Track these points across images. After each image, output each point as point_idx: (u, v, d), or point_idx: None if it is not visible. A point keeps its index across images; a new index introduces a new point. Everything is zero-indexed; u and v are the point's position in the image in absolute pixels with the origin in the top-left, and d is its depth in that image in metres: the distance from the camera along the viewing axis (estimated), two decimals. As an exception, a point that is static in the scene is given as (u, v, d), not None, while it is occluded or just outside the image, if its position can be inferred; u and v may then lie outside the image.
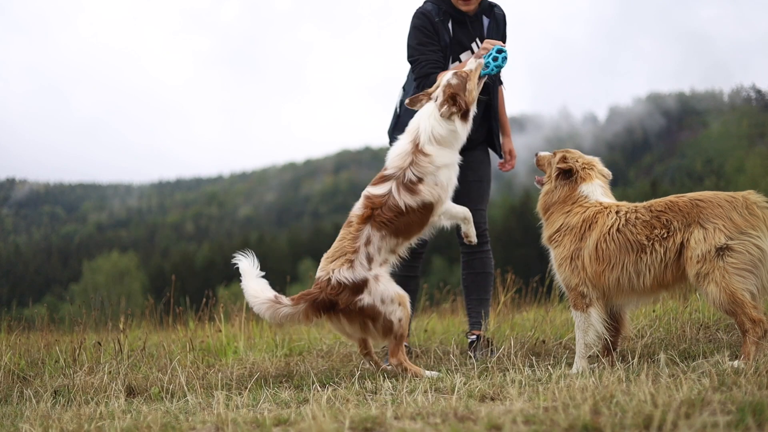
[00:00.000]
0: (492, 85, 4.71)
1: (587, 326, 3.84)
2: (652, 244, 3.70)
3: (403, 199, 4.11)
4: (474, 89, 4.26)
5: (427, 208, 4.16)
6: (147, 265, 56.90)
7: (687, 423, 2.33)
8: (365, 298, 4.01)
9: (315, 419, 2.74)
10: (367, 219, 4.12)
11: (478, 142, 4.81)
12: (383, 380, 3.74)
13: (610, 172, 4.18)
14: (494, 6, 4.80)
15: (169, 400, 3.73)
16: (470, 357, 4.50)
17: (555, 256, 3.99)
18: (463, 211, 4.33)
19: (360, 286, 4.02)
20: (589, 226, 3.87)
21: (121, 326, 5.65)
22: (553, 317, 5.66)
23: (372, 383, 3.72)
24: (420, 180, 4.14)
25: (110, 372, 4.45)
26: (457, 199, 4.84)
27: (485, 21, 4.72)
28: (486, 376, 3.77)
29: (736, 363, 3.37)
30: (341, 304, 4.01)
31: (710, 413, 2.44)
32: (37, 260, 67.67)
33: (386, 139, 4.90)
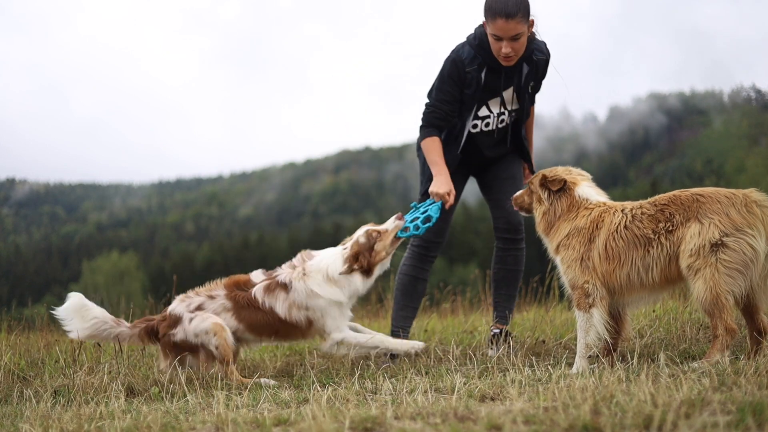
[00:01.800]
0: (518, 111, 4.70)
1: (589, 326, 3.84)
2: (658, 237, 3.71)
3: (265, 298, 4.37)
4: (385, 248, 4.47)
5: (284, 323, 4.37)
6: (147, 265, 56.88)
7: (687, 423, 2.33)
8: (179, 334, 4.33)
9: (315, 419, 2.74)
10: (232, 286, 4.43)
11: (500, 158, 4.86)
12: (383, 380, 3.74)
13: (587, 173, 4.23)
14: (534, 51, 4.54)
15: (169, 400, 3.73)
16: (491, 348, 4.59)
17: (563, 258, 3.97)
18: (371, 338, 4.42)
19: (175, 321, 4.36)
20: (597, 226, 3.88)
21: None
22: (553, 317, 5.66)
23: (372, 383, 3.72)
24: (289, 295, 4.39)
25: (110, 372, 4.45)
26: (491, 195, 4.88)
27: (525, 68, 4.54)
28: (486, 376, 3.77)
29: (696, 364, 3.42)
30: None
31: (710, 413, 2.44)
32: (37, 260, 67.64)
33: (386, 139, 5.01)
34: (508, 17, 4.21)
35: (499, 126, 4.69)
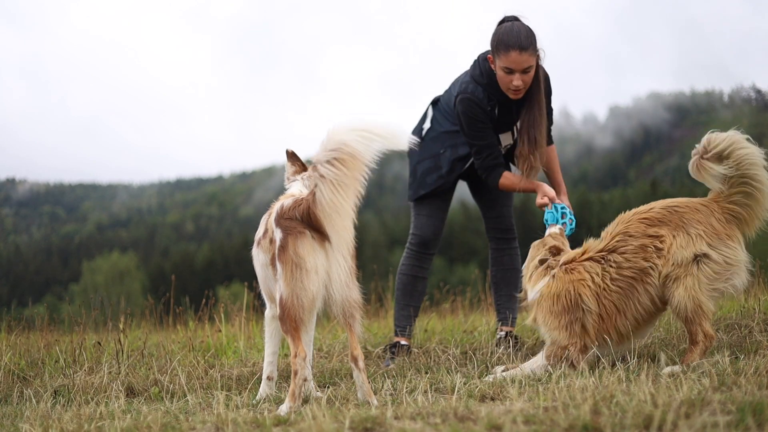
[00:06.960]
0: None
1: (542, 370, 3.71)
2: (653, 261, 3.65)
3: None
4: None
5: None
6: (147, 265, 56.96)
7: (687, 423, 2.33)
8: None
9: (315, 419, 2.74)
10: None
11: None
12: (383, 380, 3.74)
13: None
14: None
15: (169, 400, 3.73)
16: (500, 350, 4.54)
17: (544, 321, 3.80)
18: None
19: None
20: (576, 289, 3.73)
21: (121, 326, 5.64)
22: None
23: (372, 383, 3.72)
24: None
25: (110, 372, 4.45)
26: (483, 196, 4.88)
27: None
28: (486, 376, 3.77)
29: (676, 368, 3.36)
30: None
31: (710, 413, 2.44)
32: (37, 260, 67.73)
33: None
34: (521, 50, 4.18)
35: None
